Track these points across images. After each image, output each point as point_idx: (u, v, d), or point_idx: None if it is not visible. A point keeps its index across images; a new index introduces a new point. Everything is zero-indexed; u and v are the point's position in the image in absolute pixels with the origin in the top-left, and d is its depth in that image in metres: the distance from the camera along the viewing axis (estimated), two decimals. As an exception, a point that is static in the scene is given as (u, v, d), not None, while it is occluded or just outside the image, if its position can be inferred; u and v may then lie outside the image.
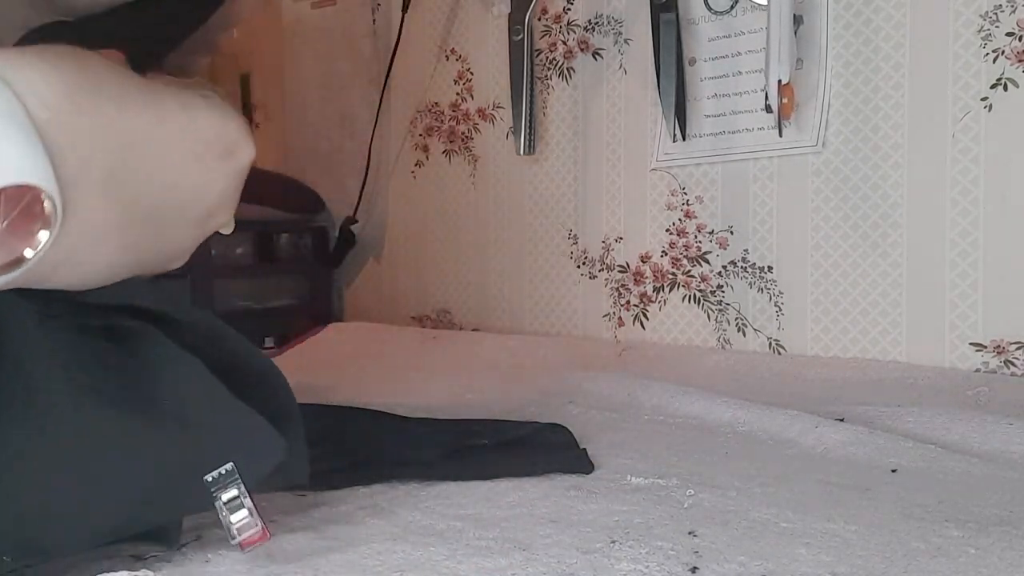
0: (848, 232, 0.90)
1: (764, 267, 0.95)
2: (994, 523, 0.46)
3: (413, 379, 0.92)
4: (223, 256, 1.28)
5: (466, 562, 0.41)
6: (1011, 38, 0.80)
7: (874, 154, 0.88)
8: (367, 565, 0.41)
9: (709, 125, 0.98)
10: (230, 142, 0.38)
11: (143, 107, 0.35)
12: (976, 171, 0.82)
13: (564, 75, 1.11)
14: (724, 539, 0.44)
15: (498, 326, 1.19)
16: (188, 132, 0.37)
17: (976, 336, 0.83)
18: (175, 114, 0.36)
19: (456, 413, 0.71)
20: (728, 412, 0.72)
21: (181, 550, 0.43)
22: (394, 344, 1.13)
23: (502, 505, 0.50)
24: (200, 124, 0.37)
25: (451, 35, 1.23)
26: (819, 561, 0.41)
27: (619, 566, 0.40)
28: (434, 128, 1.26)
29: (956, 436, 0.64)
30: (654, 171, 1.03)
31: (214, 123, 0.38)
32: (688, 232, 1.01)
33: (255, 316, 1.30)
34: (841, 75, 0.89)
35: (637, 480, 0.54)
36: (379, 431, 0.62)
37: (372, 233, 1.35)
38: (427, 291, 1.28)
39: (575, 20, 1.10)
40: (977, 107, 0.82)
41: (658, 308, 1.04)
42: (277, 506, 0.50)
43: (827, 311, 0.91)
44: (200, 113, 0.37)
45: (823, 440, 0.63)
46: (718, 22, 0.97)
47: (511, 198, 1.17)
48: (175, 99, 0.36)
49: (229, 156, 0.38)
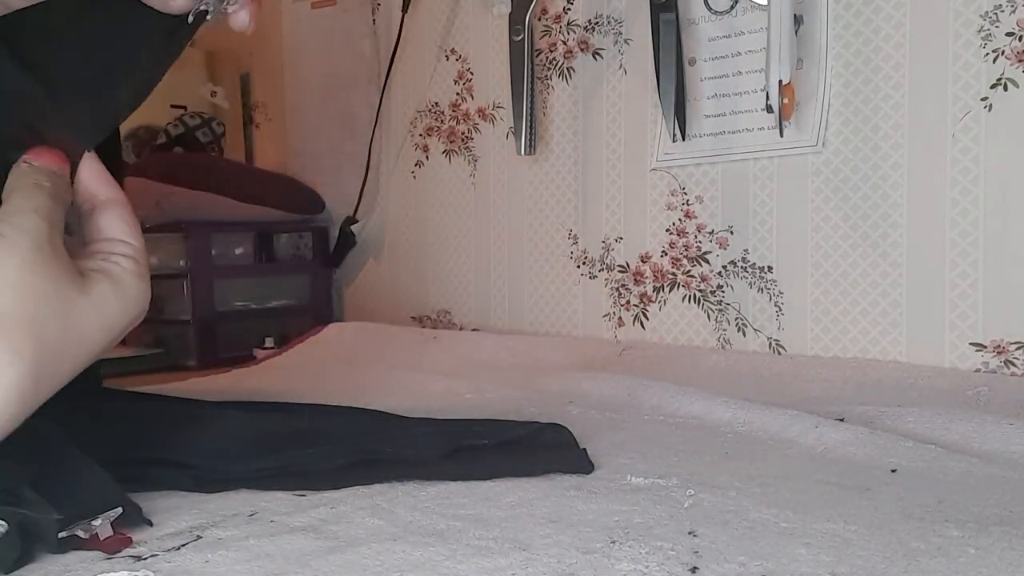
0: (848, 232, 0.90)
1: (764, 267, 0.96)
2: (994, 523, 0.46)
3: (413, 379, 0.92)
4: (223, 256, 1.28)
5: (466, 562, 0.41)
6: (1011, 38, 0.80)
7: (874, 154, 0.88)
8: (367, 565, 0.41)
9: (709, 125, 0.98)
10: (136, 319, 0.43)
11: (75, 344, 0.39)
12: (976, 171, 0.82)
13: (564, 75, 1.11)
14: (724, 539, 0.44)
15: (498, 326, 1.19)
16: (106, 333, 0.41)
17: (976, 336, 0.83)
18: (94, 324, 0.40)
19: (456, 413, 0.71)
20: (728, 412, 0.72)
21: (181, 550, 0.43)
22: (394, 344, 1.13)
23: (502, 505, 0.50)
24: (114, 321, 0.41)
25: (451, 35, 1.23)
26: (819, 561, 0.41)
27: (619, 566, 0.40)
28: (434, 128, 1.26)
29: (956, 436, 0.64)
30: (654, 171, 1.03)
31: (127, 314, 0.42)
32: (688, 232, 1.01)
33: (255, 316, 1.30)
34: (841, 75, 0.89)
35: (637, 480, 0.54)
36: (379, 431, 0.62)
37: (372, 233, 1.35)
38: (427, 291, 1.28)
39: (575, 20, 1.10)
40: (977, 107, 0.82)
41: (658, 308, 1.04)
42: (277, 506, 0.50)
43: (827, 311, 0.91)
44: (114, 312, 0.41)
45: (823, 440, 0.63)
46: (718, 22, 0.97)
47: (511, 198, 1.17)
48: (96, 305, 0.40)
49: (127, 330, 0.43)
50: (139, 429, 0.59)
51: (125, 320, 0.42)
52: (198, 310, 1.22)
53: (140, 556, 0.42)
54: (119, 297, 0.41)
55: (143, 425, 0.60)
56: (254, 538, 0.44)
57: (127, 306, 0.42)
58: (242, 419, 0.61)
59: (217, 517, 0.48)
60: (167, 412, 0.65)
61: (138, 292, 0.42)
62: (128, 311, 0.42)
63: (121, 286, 0.42)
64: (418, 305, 1.29)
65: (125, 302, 0.42)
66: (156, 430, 0.58)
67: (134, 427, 0.59)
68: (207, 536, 0.45)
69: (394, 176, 1.32)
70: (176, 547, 0.43)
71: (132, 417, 0.62)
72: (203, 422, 0.59)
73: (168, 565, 0.41)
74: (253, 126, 1.57)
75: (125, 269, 0.42)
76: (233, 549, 0.43)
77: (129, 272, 0.42)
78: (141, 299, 0.43)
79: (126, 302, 0.42)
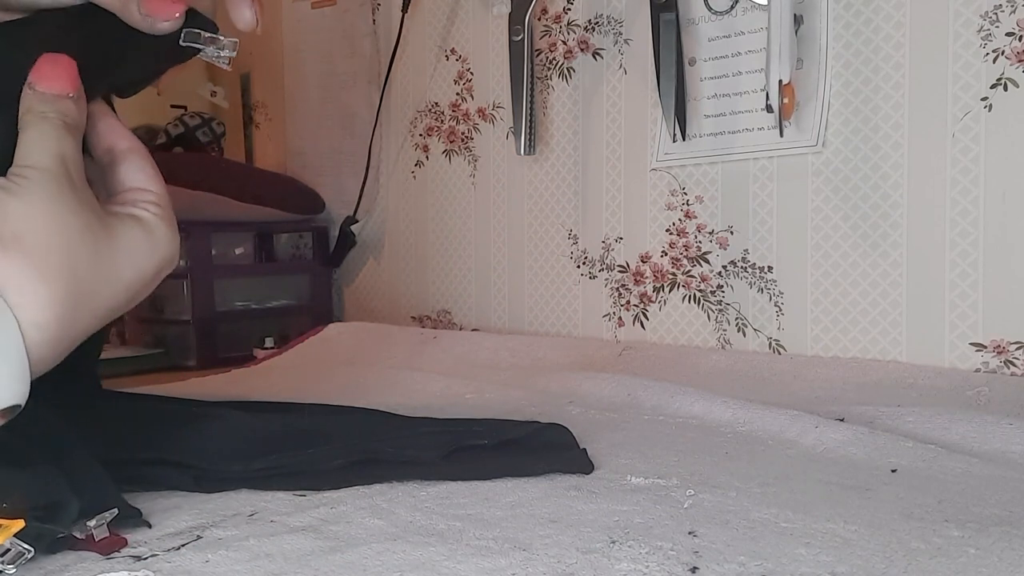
0: (848, 232, 0.90)
1: (764, 267, 0.96)
2: (994, 523, 0.46)
3: (413, 379, 0.92)
4: (223, 256, 1.28)
5: (466, 562, 0.41)
6: (1011, 38, 0.80)
7: (874, 154, 0.88)
8: (367, 565, 0.41)
9: (709, 125, 0.98)
10: (168, 264, 0.43)
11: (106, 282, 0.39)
12: (976, 171, 0.82)
13: (564, 75, 1.11)
14: (724, 539, 0.44)
15: (498, 326, 1.19)
16: (138, 274, 0.41)
17: (976, 336, 0.83)
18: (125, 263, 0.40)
19: (456, 413, 0.71)
20: (728, 412, 0.71)
21: (181, 550, 0.43)
22: (394, 344, 1.13)
23: (502, 505, 0.50)
24: (145, 263, 0.41)
25: (451, 35, 1.23)
26: (819, 561, 0.41)
27: (619, 566, 0.40)
28: (434, 128, 1.26)
29: (956, 436, 0.64)
30: (654, 171, 1.03)
31: (156, 255, 0.42)
32: (688, 232, 1.01)
33: (255, 316, 1.30)
34: (841, 75, 0.89)
35: (637, 480, 0.54)
36: (379, 431, 0.62)
37: (372, 233, 1.35)
38: (427, 291, 1.28)
39: (575, 20, 1.10)
40: (977, 107, 0.82)
41: (658, 308, 1.04)
42: (277, 506, 0.50)
43: (827, 311, 0.91)
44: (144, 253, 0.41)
45: (823, 440, 0.63)
46: (718, 22, 0.97)
47: (511, 198, 1.17)
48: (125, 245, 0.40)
49: (163, 274, 0.43)
50: (139, 429, 0.59)
51: (155, 262, 0.42)
52: (198, 310, 1.22)
53: (140, 556, 0.42)
54: (148, 239, 0.41)
55: (143, 425, 0.60)
56: (254, 538, 0.44)
57: (157, 248, 0.42)
58: (242, 419, 0.61)
59: (217, 517, 0.48)
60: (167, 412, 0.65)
61: (166, 236, 0.42)
62: (158, 252, 0.42)
63: (149, 229, 0.42)
64: (418, 305, 1.29)
65: (154, 244, 0.42)
66: (156, 430, 0.58)
67: (134, 427, 0.59)
68: (207, 536, 0.45)
69: (394, 176, 1.32)
70: (176, 547, 0.43)
71: (132, 417, 0.62)
72: (203, 422, 0.59)
73: (168, 565, 0.41)
74: (253, 126, 1.57)
75: (152, 214, 0.42)
76: (233, 549, 0.43)
77: (156, 216, 0.42)
78: (170, 243, 0.43)
79: (155, 244, 0.42)
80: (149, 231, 0.42)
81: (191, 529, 0.46)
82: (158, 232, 0.42)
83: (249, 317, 1.29)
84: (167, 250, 0.42)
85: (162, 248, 0.42)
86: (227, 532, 0.45)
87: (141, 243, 0.41)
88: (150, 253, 0.41)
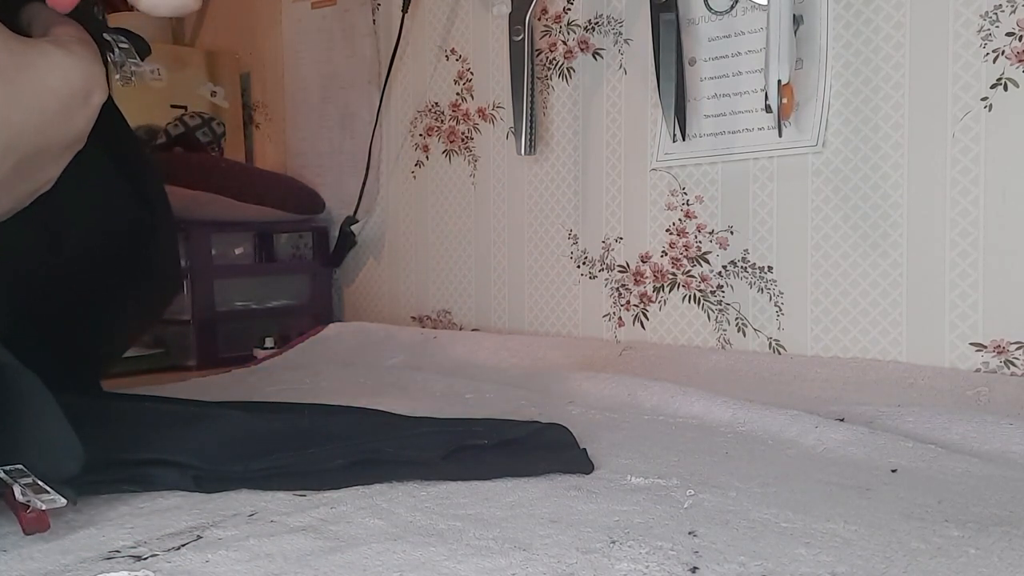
0: (848, 232, 0.90)
1: (764, 267, 0.96)
2: (994, 523, 0.46)
3: (413, 379, 0.92)
4: (223, 256, 1.28)
5: (466, 562, 0.41)
6: (1011, 38, 0.80)
7: (874, 154, 0.88)
8: (367, 565, 0.41)
9: (709, 125, 0.98)
10: (88, 90, 0.43)
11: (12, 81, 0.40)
12: (976, 171, 0.82)
13: (564, 75, 1.11)
14: (724, 539, 0.44)
15: (498, 326, 1.19)
16: (53, 91, 0.42)
17: (976, 336, 0.83)
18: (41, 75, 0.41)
19: (456, 413, 0.71)
20: (728, 412, 0.71)
21: (181, 550, 0.43)
22: (394, 344, 1.13)
23: (502, 505, 0.50)
24: (65, 76, 0.42)
25: (451, 35, 1.23)
26: (819, 561, 0.41)
27: (619, 566, 0.40)
28: (434, 128, 1.26)
29: (956, 436, 0.64)
30: (654, 171, 1.03)
31: (74, 76, 0.43)
32: (688, 232, 1.01)
33: (255, 316, 1.30)
34: (841, 75, 0.89)
35: (637, 480, 0.54)
36: (379, 431, 0.62)
37: (372, 233, 1.35)
38: (427, 291, 1.28)
39: (575, 20, 1.10)
40: (977, 107, 0.82)
41: (658, 308, 1.04)
42: (277, 506, 0.50)
43: (827, 311, 0.92)
44: (60, 69, 0.42)
45: (823, 440, 0.63)
46: (718, 22, 0.97)
47: (511, 198, 1.17)
48: (39, 57, 0.41)
49: (86, 102, 0.44)
50: (139, 429, 0.59)
51: (73, 81, 0.42)
52: (198, 310, 1.22)
53: (140, 556, 0.42)
54: (65, 58, 0.42)
55: (143, 425, 0.60)
56: (254, 538, 0.44)
57: (79, 64, 0.43)
58: (242, 419, 0.61)
59: (217, 517, 0.48)
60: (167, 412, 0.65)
61: (84, 55, 0.43)
62: (77, 69, 0.43)
63: (69, 49, 0.43)
64: (418, 305, 1.29)
65: (71, 63, 0.43)
66: (156, 430, 0.58)
67: (134, 427, 0.59)
68: (207, 536, 0.45)
69: (394, 176, 1.32)
70: (176, 547, 0.43)
71: (132, 417, 0.62)
72: (203, 422, 0.59)
73: (168, 565, 0.41)
74: (253, 126, 1.57)
75: (71, 39, 0.44)
76: (233, 549, 0.43)
77: (75, 41, 0.44)
78: (89, 62, 0.44)
79: (72, 63, 0.43)
80: (71, 52, 0.43)
81: (191, 529, 0.46)
82: (76, 52, 0.43)
83: (249, 317, 1.29)
84: (85, 68, 0.43)
85: (82, 65, 0.43)
86: (227, 532, 0.45)
87: (62, 60, 0.42)
88: (72, 67, 0.42)
